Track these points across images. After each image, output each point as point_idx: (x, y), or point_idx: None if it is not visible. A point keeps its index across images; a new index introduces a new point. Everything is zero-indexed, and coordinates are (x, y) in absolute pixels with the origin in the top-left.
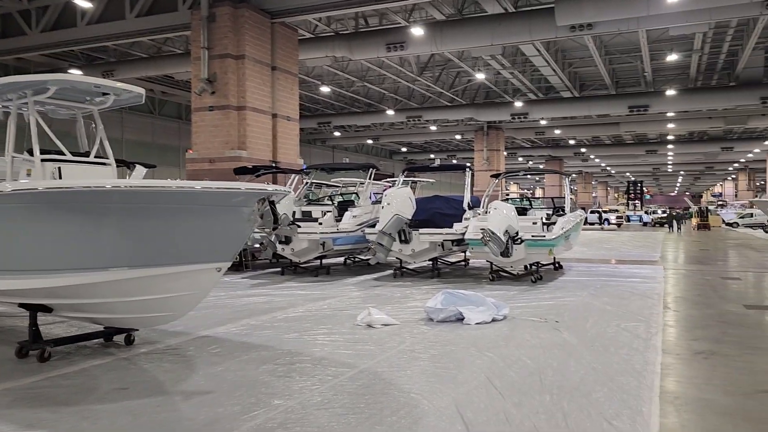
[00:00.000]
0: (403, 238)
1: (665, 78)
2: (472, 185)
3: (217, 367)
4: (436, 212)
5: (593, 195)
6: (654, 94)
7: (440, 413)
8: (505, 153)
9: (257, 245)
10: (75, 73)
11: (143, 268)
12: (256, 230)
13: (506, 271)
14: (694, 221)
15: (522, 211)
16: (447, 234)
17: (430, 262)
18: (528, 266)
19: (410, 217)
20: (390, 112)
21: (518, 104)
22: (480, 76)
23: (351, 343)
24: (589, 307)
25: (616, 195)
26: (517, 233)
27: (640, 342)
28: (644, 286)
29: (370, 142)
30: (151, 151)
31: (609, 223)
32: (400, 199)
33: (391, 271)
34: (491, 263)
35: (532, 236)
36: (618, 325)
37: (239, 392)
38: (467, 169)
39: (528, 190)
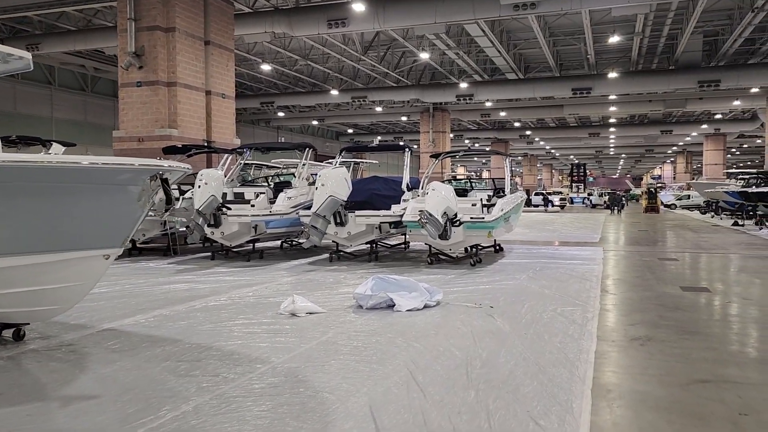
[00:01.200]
0: (338, 220)
1: (608, 61)
2: (420, 167)
3: (112, 366)
4: (373, 193)
5: (538, 177)
6: (597, 77)
7: (352, 416)
8: (451, 135)
9: (183, 228)
10: None
11: (19, 255)
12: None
13: (445, 254)
14: (644, 203)
15: (462, 193)
16: (384, 216)
17: (368, 246)
18: (468, 249)
19: (345, 199)
20: (334, 92)
21: (463, 85)
22: (424, 56)
23: (269, 334)
24: (526, 291)
25: (560, 177)
26: (455, 215)
27: (576, 328)
28: (583, 267)
29: (315, 123)
30: (84, 130)
31: (553, 205)
32: (334, 180)
33: (327, 255)
34: (430, 246)
35: (471, 218)
36: (554, 310)
37: (128, 396)
38: (406, 150)
39: (474, 172)
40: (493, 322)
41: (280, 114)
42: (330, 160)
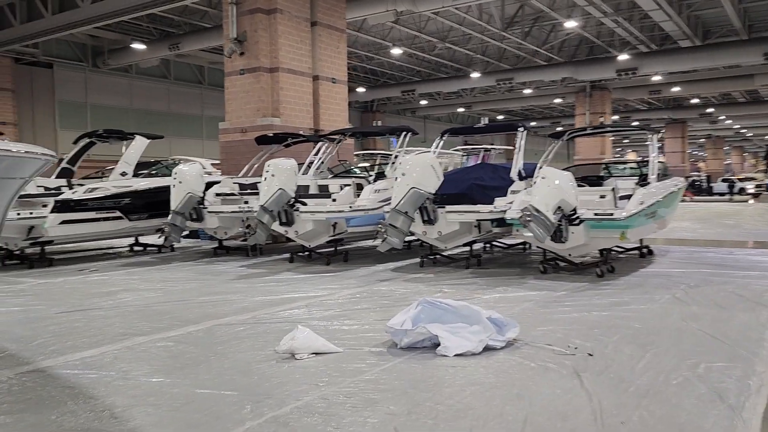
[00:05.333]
0: (426, 217)
1: None
2: (574, 153)
3: None
4: (473, 184)
5: (726, 162)
6: None
7: None
8: (615, 117)
9: (241, 228)
10: (138, 47)
11: None
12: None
13: (566, 260)
14: None
15: (596, 181)
16: (482, 212)
17: (469, 247)
18: (604, 252)
19: (434, 192)
20: (475, 75)
21: (624, 58)
22: (571, 24)
23: (208, 401)
24: (660, 325)
25: (754, 161)
26: (574, 210)
27: (721, 414)
28: (762, 284)
29: (461, 110)
30: (167, 120)
31: (744, 193)
32: (419, 169)
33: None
34: (544, 250)
35: (596, 214)
36: (693, 368)
37: None
38: (520, 129)
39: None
40: (577, 389)
41: (423, 102)
42: (474, 147)
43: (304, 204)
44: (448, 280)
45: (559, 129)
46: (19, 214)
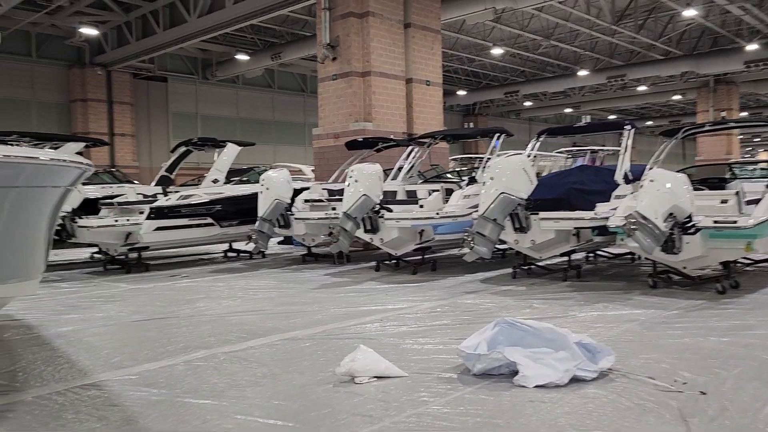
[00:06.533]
0: (517, 225)
1: None
2: (698, 153)
3: None
4: (572, 188)
5: None
6: None
7: None
8: (743, 113)
9: (324, 235)
10: (242, 58)
11: None
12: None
13: (680, 273)
14: None
15: (718, 184)
16: (581, 219)
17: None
18: (726, 265)
19: (526, 197)
20: (583, 72)
21: (753, 47)
22: (690, 13)
23: (247, 431)
24: None
25: None
26: (689, 217)
27: None
28: None
29: (569, 110)
30: (271, 128)
31: None
32: (510, 172)
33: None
34: (654, 261)
35: (715, 222)
36: None
37: None
38: (626, 127)
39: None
40: None
41: (527, 104)
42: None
43: (390, 210)
44: (541, 294)
45: (670, 127)
46: (116, 220)
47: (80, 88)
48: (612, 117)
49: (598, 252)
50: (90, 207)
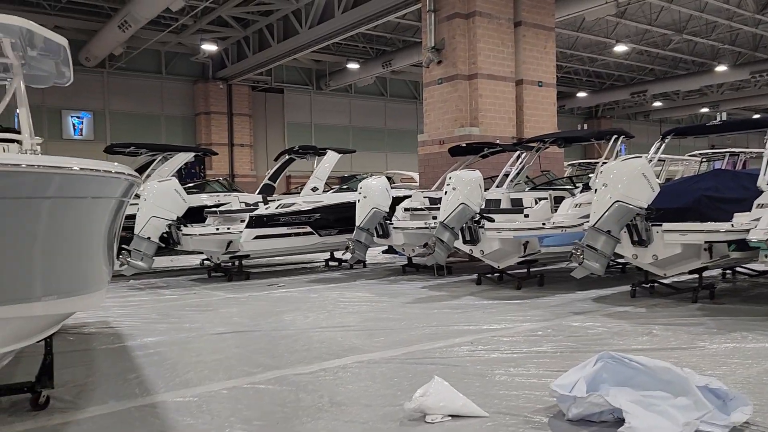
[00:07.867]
0: (635, 237)
1: None
2: None
3: None
4: (702, 196)
5: None
6: None
7: None
8: None
9: (419, 246)
10: (353, 67)
11: None
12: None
13: None
14: None
15: None
16: (714, 231)
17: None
18: None
19: (646, 205)
20: (721, 68)
21: None
22: None
23: None
24: None
25: None
26: None
27: None
28: None
29: (705, 110)
30: (383, 136)
31: None
32: (626, 178)
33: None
34: None
35: None
36: None
37: None
38: None
39: None
40: None
41: (657, 104)
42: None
43: (491, 220)
44: (664, 318)
45: None
46: (218, 229)
47: (204, 102)
48: (756, 116)
49: (738, 269)
50: (198, 215)
